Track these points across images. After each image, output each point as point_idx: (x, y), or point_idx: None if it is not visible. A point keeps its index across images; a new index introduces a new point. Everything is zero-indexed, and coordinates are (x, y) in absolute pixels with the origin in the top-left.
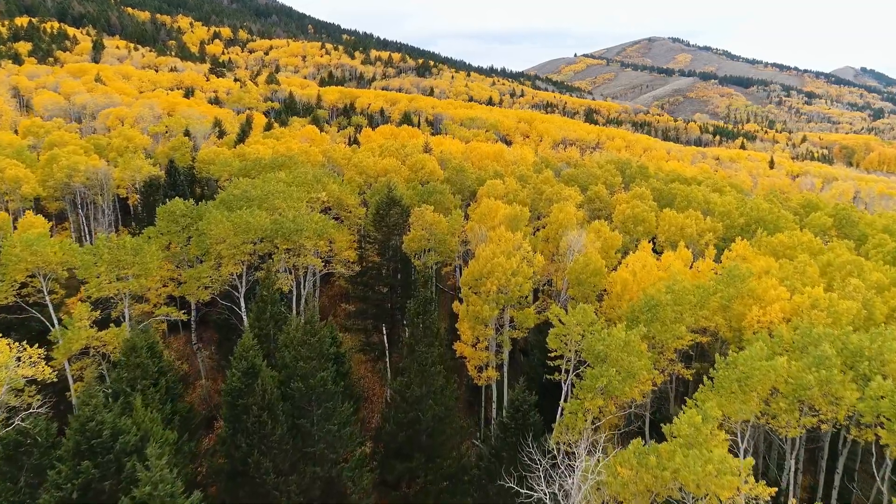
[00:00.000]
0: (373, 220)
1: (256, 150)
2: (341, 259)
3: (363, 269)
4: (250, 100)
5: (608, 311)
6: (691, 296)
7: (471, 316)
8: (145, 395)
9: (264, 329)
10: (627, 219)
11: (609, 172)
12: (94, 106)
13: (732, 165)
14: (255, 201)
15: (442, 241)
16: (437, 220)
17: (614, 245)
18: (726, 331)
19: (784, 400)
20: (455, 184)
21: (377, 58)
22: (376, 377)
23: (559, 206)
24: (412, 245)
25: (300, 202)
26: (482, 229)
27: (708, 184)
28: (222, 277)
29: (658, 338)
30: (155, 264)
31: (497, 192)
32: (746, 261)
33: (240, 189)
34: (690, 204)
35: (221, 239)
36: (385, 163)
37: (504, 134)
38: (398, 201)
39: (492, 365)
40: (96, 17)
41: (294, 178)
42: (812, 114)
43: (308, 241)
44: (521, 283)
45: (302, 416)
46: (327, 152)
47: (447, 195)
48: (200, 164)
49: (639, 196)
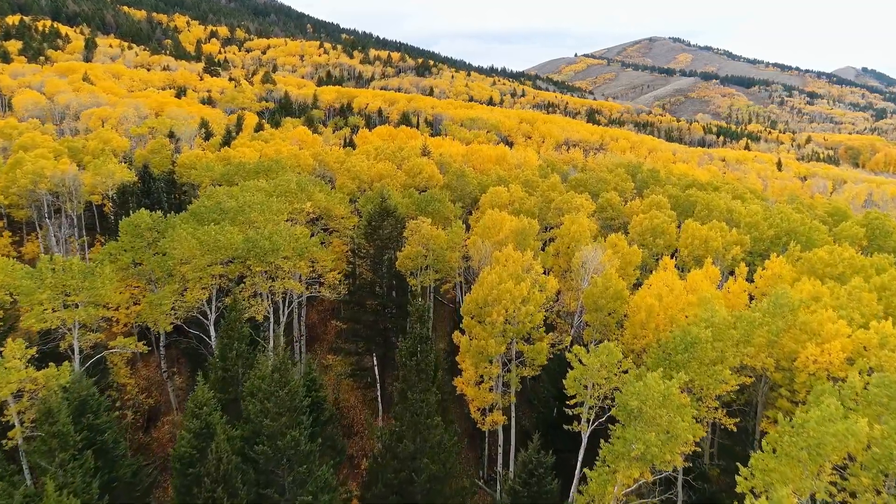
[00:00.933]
0: (364, 233)
1: (242, 153)
2: (326, 282)
3: (355, 286)
4: (244, 100)
5: (630, 342)
6: (733, 330)
7: (474, 352)
8: (65, 471)
9: (230, 370)
10: (646, 231)
11: (620, 177)
12: (78, 106)
13: (740, 167)
14: (229, 214)
15: (441, 257)
16: (435, 235)
17: (633, 262)
18: (774, 371)
19: (866, 474)
20: (455, 190)
21: (376, 57)
22: (368, 407)
23: (571, 218)
24: (407, 263)
25: (280, 215)
26: (486, 245)
27: (727, 190)
28: (187, 304)
29: (698, 382)
30: (110, 288)
31: (501, 200)
32: (781, 279)
33: (213, 200)
34: (712, 213)
35: (186, 259)
36: (380, 167)
37: (505, 135)
38: (392, 211)
39: (498, 407)
40: (91, 15)
41: (275, 187)
42: (814, 114)
43: (286, 263)
44: (531, 312)
45: (269, 484)
46: (318, 155)
47: (446, 204)
48: (181, 169)
49: (656, 205)
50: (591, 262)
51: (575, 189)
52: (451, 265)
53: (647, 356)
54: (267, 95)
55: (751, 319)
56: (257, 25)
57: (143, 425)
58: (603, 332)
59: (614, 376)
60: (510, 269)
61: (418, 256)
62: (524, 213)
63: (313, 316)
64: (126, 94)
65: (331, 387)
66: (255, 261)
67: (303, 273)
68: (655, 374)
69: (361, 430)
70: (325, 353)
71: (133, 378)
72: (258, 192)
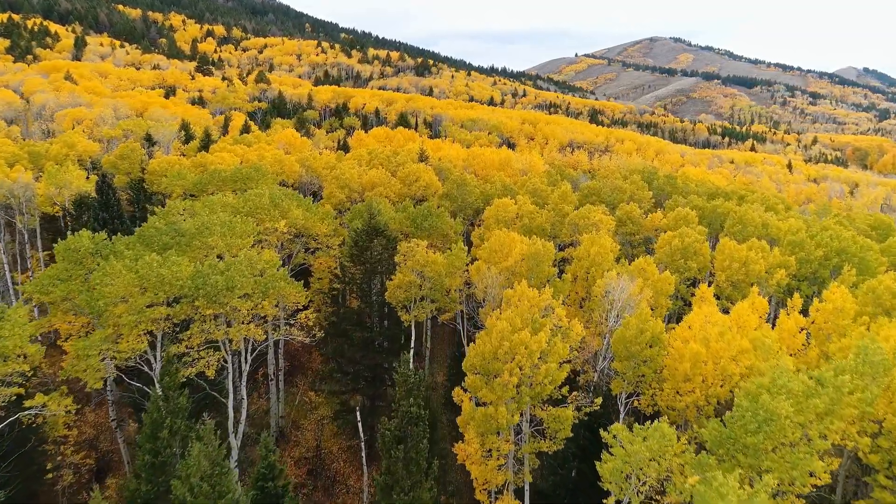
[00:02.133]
0: (350, 255)
1: (221, 158)
2: (299, 323)
3: (339, 315)
4: (235, 100)
5: (671, 399)
6: (816, 398)
7: (479, 420)
8: None
9: (160, 454)
10: (675, 251)
11: (636, 185)
12: (56, 106)
13: (750, 170)
14: (185, 237)
15: (438, 286)
16: (432, 260)
17: (665, 290)
18: (869, 450)
19: None
20: (456, 200)
21: (375, 56)
22: (354, 459)
23: (591, 238)
24: (398, 294)
25: (246, 238)
26: (493, 273)
27: (757, 200)
28: (122, 354)
29: (781, 475)
30: (21, 334)
31: (507, 213)
32: (843, 314)
33: (167, 218)
34: (746, 228)
35: (121, 298)
36: (372, 175)
37: (507, 136)
38: (382, 230)
39: (509, 490)
40: (84, 13)
41: (245, 203)
42: (817, 114)
43: (244, 303)
44: (552, 371)
45: None
46: (306, 161)
47: (446, 219)
48: (151, 177)
49: (683, 219)
50: (619, 294)
51: (587, 198)
52: (450, 295)
53: (706, 431)
54: (261, 95)
55: (837, 384)
56: (255, 25)
57: (90, 481)
58: (635, 384)
59: (665, 460)
60: (524, 310)
61: (412, 286)
62: (534, 230)
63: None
64: (109, 94)
65: (312, 431)
66: (206, 301)
67: (268, 315)
68: (732, 476)
69: (344, 491)
70: (307, 388)
71: (76, 429)
72: (225, 209)
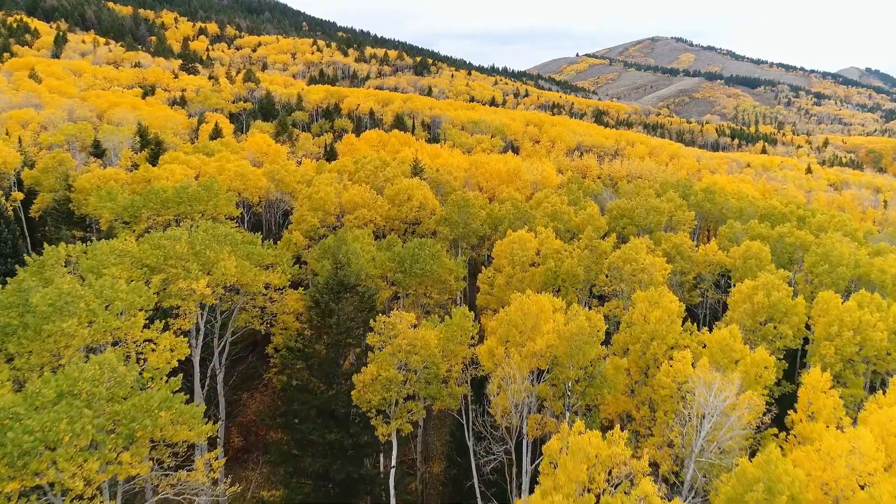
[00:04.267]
0: (308, 320)
1: (170, 172)
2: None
3: (292, 408)
4: (218, 100)
5: None
6: None
7: None
8: None
9: None
10: (759, 310)
11: (675, 204)
12: (6, 107)
13: (772, 175)
14: (36, 317)
15: (433, 374)
16: (420, 339)
17: (761, 378)
18: None
19: None
20: (457, 226)
21: (372, 55)
22: None
23: (647, 296)
24: (370, 396)
25: (130, 320)
26: (512, 364)
27: (823, 222)
28: None
29: None
30: None
31: (526, 252)
32: None
33: (12, 288)
34: (835, 270)
35: None
36: (353, 194)
37: (511, 139)
38: (353, 285)
39: None
40: (69, 10)
41: (151, 252)
42: (822, 115)
43: (70, 467)
44: None
45: None
46: (275, 174)
47: (443, 261)
48: (78, 196)
49: (755, 257)
50: (711, 406)
51: (617, 222)
52: (451, 389)
53: None
54: (248, 95)
55: None
56: (250, 23)
57: None
58: None
59: None
60: (576, 475)
61: (392, 385)
62: (563, 276)
63: (250, 410)
64: (76, 94)
65: None
66: (5, 470)
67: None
68: None
69: None
70: (262, 480)
71: None
72: (122, 260)
